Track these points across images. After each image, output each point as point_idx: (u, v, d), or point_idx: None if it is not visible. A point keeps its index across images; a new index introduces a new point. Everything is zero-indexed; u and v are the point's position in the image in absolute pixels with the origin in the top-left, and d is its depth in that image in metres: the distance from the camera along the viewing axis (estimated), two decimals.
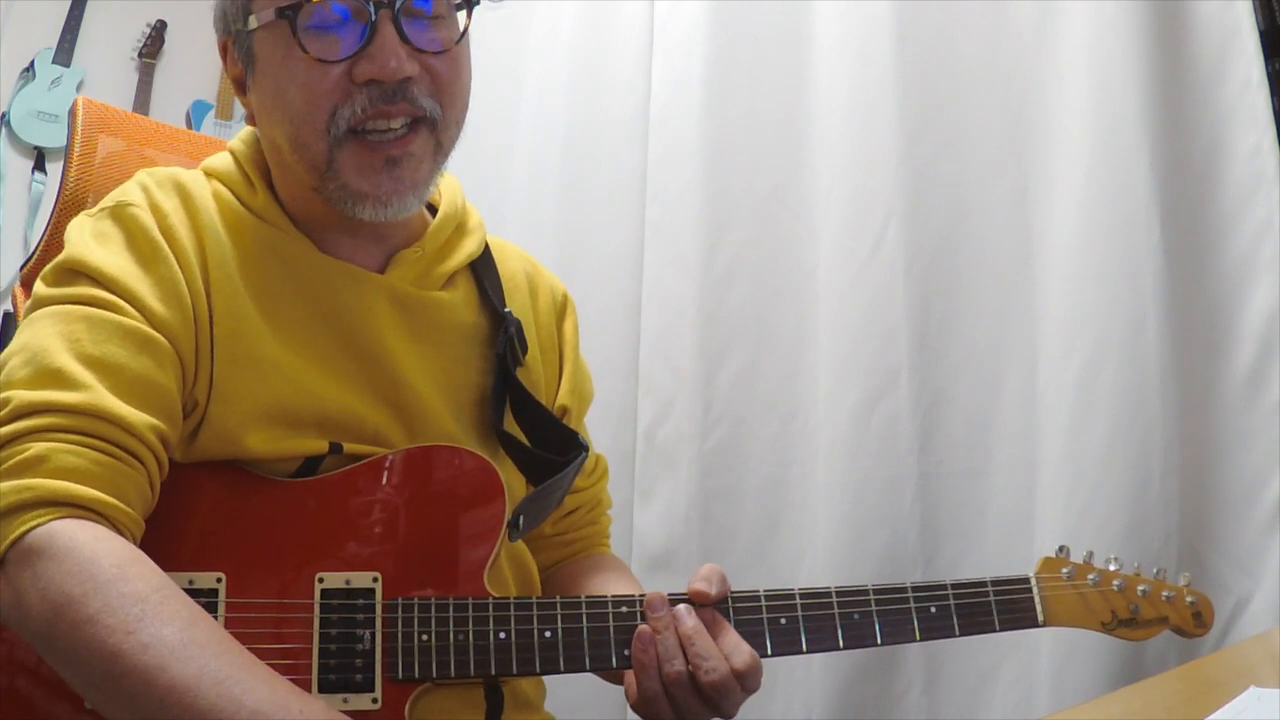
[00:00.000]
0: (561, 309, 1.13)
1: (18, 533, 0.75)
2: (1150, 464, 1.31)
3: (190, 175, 0.95)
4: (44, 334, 0.83)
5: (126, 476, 0.80)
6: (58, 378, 0.80)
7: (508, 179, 1.84)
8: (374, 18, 0.87)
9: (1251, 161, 1.33)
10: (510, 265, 1.10)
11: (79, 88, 3.12)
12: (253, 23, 0.90)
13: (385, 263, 0.98)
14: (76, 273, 0.87)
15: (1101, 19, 1.41)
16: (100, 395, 0.80)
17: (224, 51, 0.97)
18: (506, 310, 1.03)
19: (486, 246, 1.07)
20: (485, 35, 1.02)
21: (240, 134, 1.01)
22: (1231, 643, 1.25)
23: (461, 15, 0.93)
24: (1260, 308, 1.30)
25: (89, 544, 0.74)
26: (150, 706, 0.70)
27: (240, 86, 0.96)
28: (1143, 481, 1.31)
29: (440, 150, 0.94)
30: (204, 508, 0.88)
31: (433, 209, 1.04)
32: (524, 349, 1.03)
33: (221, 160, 0.98)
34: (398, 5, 0.87)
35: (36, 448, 0.77)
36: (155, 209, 0.90)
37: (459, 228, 1.04)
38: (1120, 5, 1.40)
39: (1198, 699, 0.82)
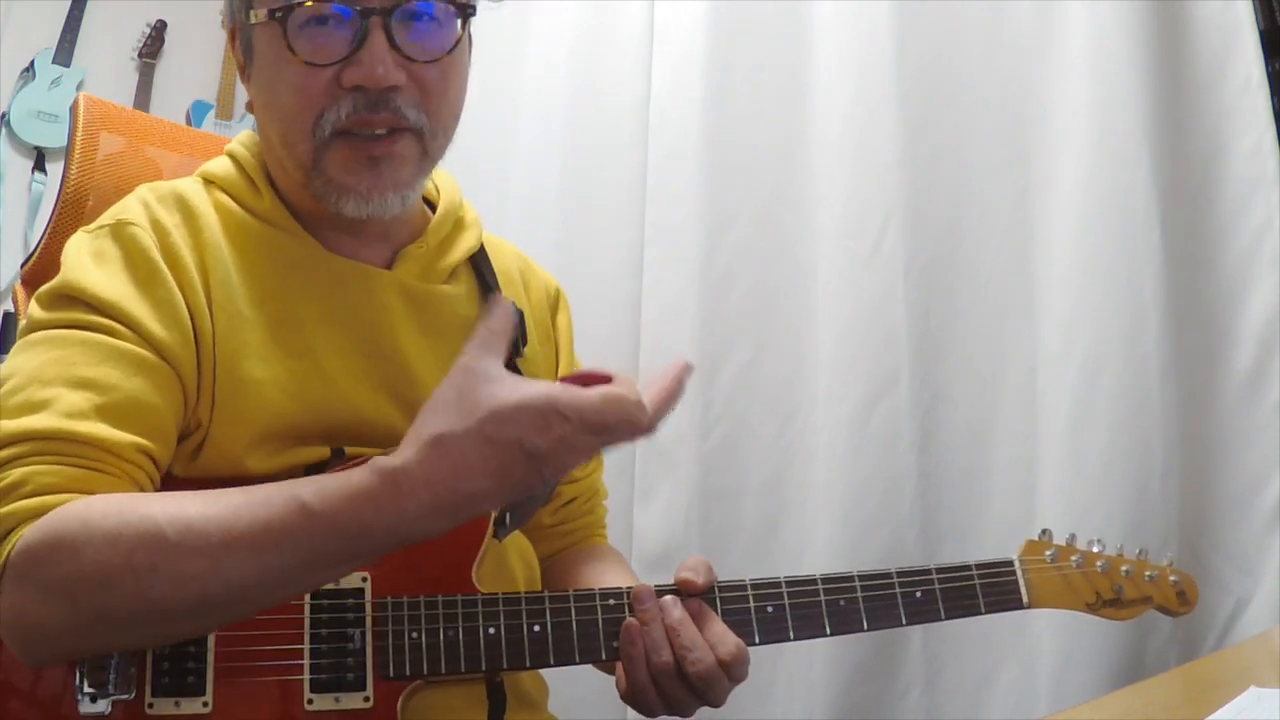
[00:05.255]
0: (555, 302, 1.14)
1: (4, 555, 0.75)
2: (1150, 464, 1.31)
3: (191, 188, 0.94)
4: (35, 361, 0.82)
5: (107, 484, 0.79)
6: (43, 406, 0.79)
7: (508, 179, 1.84)
8: (364, 24, 0.86)
9: (1251, 161, 1.32)
10: (504, 261, 1.10)
11: (79, 88, 3.12)
12: (253, 17, 0.90)
13: (391, 259, 0.98)
14: (72, 299, 0.86)
15: (1101, 19, 1.41)
16: (78, 420, 0.79)
17: (232, 37, 0.96)
18: (509, 300, 1.03)
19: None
20: (484, 36, 1.03)
21: (239, 136, 1.00)
22: (1231, 643, 1.25)
23: (459, 22, 0.92)
24: (1260, 308, 1.30)
25: (64, 523, 0.74)
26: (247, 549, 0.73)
27: (244, 74, 0.96)
28: (1143, 481, 1.31)
29: (427, 156, 0.93)
30: None
31: (432, 206, 1.05)
32: (524, 340, 1.04)
33: (220, 166, 0.97)
34: (390, 11, 0.86)
35: (14, 474, 0.77)
36: (156, 225, 0.89)
37: (458, 222, 1.04)
38: (1120, 5, 1.39)
39: (1198, 699, 0.82)
